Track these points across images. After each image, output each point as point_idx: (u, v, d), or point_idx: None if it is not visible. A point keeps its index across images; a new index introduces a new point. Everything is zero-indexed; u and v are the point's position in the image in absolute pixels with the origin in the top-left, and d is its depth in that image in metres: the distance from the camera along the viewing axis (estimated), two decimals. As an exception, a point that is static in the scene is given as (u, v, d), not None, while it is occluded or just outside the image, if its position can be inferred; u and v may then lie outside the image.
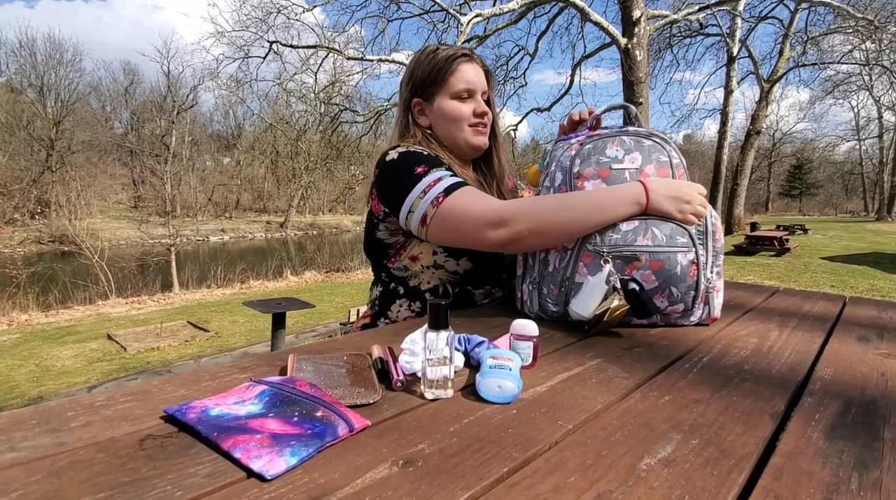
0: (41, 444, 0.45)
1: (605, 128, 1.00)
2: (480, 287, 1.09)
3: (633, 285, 0.84)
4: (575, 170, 0.93)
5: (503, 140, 1.21)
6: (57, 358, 4.80)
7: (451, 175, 0.96)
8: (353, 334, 0.91)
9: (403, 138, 1.12)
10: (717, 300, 0.93)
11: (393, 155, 1.00)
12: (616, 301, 0.82)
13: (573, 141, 0.97)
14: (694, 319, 0.93)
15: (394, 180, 0.98)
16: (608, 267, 0.85)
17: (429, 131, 1.12)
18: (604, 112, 1.06)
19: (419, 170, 0.96)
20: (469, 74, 1.09)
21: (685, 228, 0.87)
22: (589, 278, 0.86)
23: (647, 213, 0.87)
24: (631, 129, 0.97)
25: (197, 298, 8.36)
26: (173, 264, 11.60)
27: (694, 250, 0.87)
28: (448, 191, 0.93)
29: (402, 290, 1.07)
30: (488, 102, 1.14)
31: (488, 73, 1.14)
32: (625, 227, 0.87)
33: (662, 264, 0.86)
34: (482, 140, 1.12)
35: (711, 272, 0.90)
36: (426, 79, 1.09)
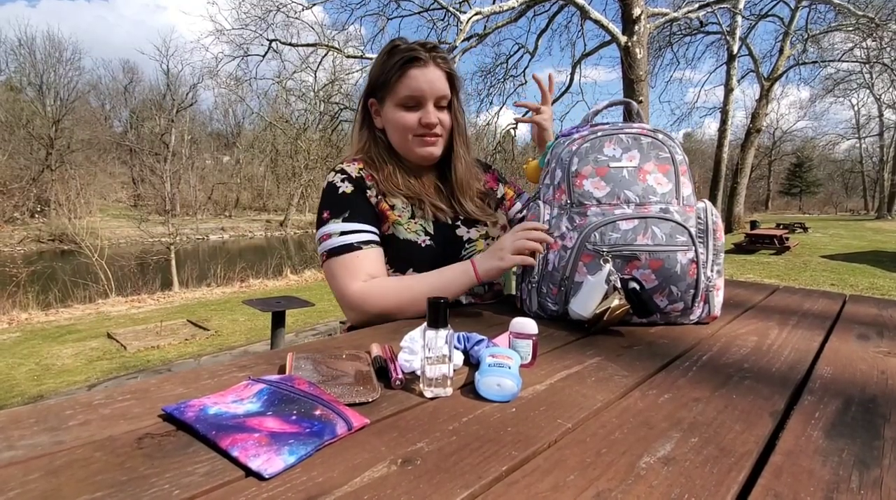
0: (39, 443, 0.45)
1: (607, 123, 0.99)
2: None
3: (633, 285, 0.84)
4: (573, 169, 0.93)
5: (464, 148, 1.13)
6: (57, 357, 4.80)
7: (342, 232, 0.99)
8: (351, 332, 0.91)
9: (359, 139, 1.12)
10: (717, 299, 0.93)
11: (325, 183, 1.05)
12: (616, 301, 0.82)
13: (575, 136, 0.97)
14: (694, 317, 0.93)
15: (317, 212, 1.04)
16: (608, 267, 0.85)
17: (381, 134, 1.11)
18: (605, 108, 1.05)
19: (325, 215, 1.01)
20: (417, 81, 1.01)
21: (685, 227, 0.87)
22: (588, 278, 0.86)
23: (482, 281, 0.98)
24: (634, 125, 0.96)
25: (197, 296, 8.36)
26: (173, 262, 11.59)
27: (694, 248, 0.87)
28: (330, 253, 0.98)
29: None
30: (450, 107, 1.07)
31: (452, 76, 1.06)
32: (624, 226, 0.87)
33: (662, 262, 0.86)
34: (429, 151, 1.07)
35: (712, 271, 0.90)
36: (377, 80, 1.06)
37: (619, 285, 0.84)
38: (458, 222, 1.11)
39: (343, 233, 0.99)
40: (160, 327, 5.73)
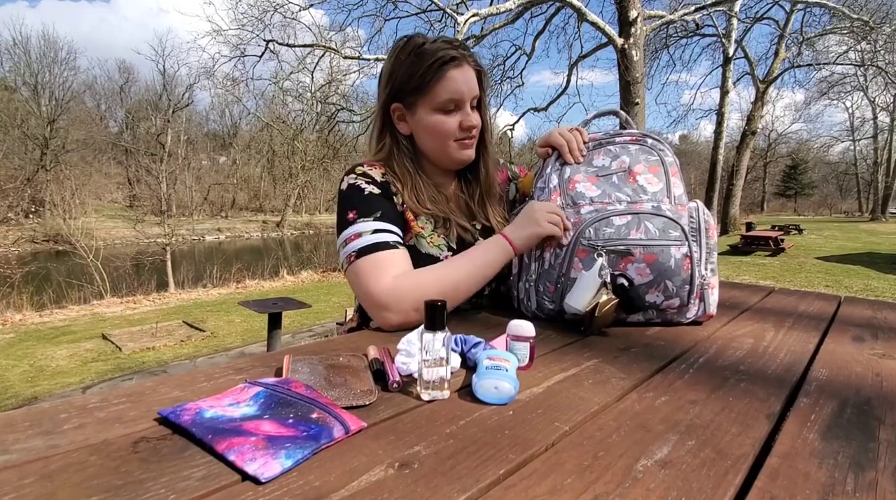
0: (34, 446, 0.44)
1: (599, 132, 1.01)
2: (466, 302, 1.02)
3: (621, 281, 0.85)
4: (566, 176, 0.97)
5: (492, 148, 1.11)
6: (51, 358, 4.77)
7: (374, 230, 0.91)
8: (348, 334, 0.91)
9: (378, 147, 1.05)
10: (713, 297, 0.93)
11: (344, 185, 0.98)
12: (605, 296, 0.83)
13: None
14: (690, 315, 0.93)
15: (337, 213, 0.97)
16: (601, 260, 0.85)
17: (405, 141, 1.03)
18: (593, 118, 1.07)
19: (350, 215, 0.94)
20: (457, 83, 0.95)
21: (677, 222, 0.88)
22: (583, 272, 0.87)
23: (519, 252, 0.94)
24: (624, 134, 0.98)
25: (193, 297, 8.33)
26: (169, 263, 11.55)
27: (687, 243, 0.88)
28: (360, 253, 0.90)
29: None
30: (479, 106, 1.04)
31: (480, 74, 1.01)
32: (618, 221, 0.88)
33: (656, 257, 0.87)
34: (468, 154, 1.03)
35: (706, 269, 0.91)
36: (406, 84, 0.97)
37: (608, 280, 0.84)
38: (478, 236, 1.06)
39: (376, 231, 0.91)
40: (156, 329, 5.70)
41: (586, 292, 0.84)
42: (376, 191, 0.96)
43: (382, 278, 0.87)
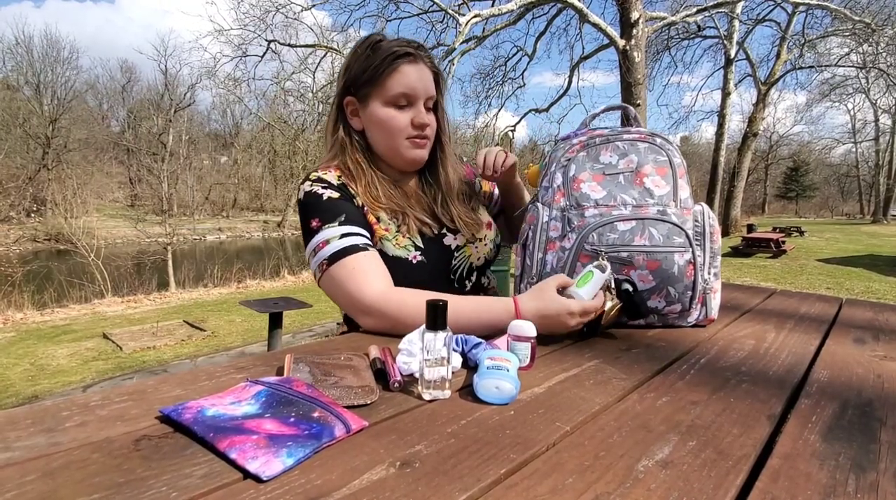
0: (36, 444, 0.45)
1: (606, 127, 0.99)
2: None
3: (626, 286, 0.85)
4: (571, 173, 0.95)
5: (451, 150, 1.09)
6: (52, 357, 4.78)
7: (342, 235, 0.90)
8: (349, 334, 0.90)
9: (333, 144, 1.03)
10: (715, 302, 0.93)
11: (301, 194, 0.95)
12: (609, 303, 0.82)
13: (574, 142, 0.97)
14: (691, 320, 0.93)
15: (301, 223, 0.96)
16: (608, 266, 0.84)
17: (357, 136, 1.02)
18: (602, 112, 1.06)
19: (314, 224, 0.92)
20: (410, 78, 0.95)
21: (682, 228, 0.88)
22: (597, 272, 0.85)
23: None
24: (632, 130, 0.97)
25: (193, 297, 8.33)
26: (170, 262, 11.56)
27: (691, 250, 0.87)
28: (332, 259, 0.88)
29: None
30: (436, 108, 1.02)
31: (438, 76, 1.01)
32: (622, 226, 0.87)
33: (659, 263, 0.86)
34: (419, 154, 1.00)
35: (709, 274, 0.91)
36: (360, 76, 0.96)
37: (612, 284, 0.84)
38: (444, 231, 1.05)
39: (343, 235, 0.90)
40: (156, 328, 5.70)
41: (595, 289, 0.83)
42: (335, 195, 0.94)
43: (371, 284, 0.86)
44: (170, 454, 0.44)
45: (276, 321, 4.11)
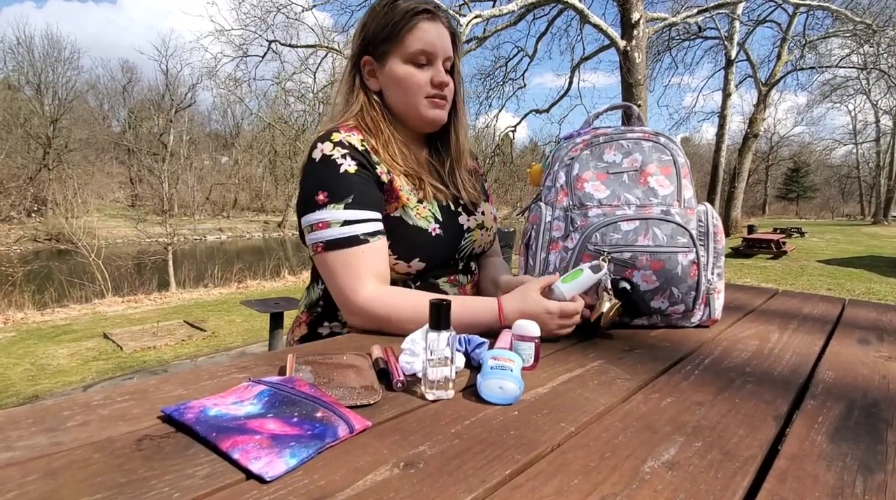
0: (37, 443, 0.44)
1: (609, 127, 0.99)
2: (443, 276, 1.01)
3: (623, 284, 0.84)
4: (574, 172, 0.94)
5: (465, 115, 1.08)
6: (52, 357, 4.77)
7: (343, 222, 0.86)
8: (351, 334, 0.90)
9: (348, 102, 1.00)
10: (718, 302, 0.93)
11: (317, 153, 0.90)
12: (608, 303, 0.82)
13: (578, 141, 0.97)
14: (695, 320, 0.93)
15: (303, 187, 0.91)
16: (605, 266, 0.84)
17: (376, 97, 0.99)
18: (606, 111, 1.06)
19: (320, 197, 0.87)
20: (430, 35, 0.93)
21: (685, 228, 0.87)
22: (588, 270, 0.85)
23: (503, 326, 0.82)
24: (636, 129, 0.96)
25: (194, 297, 8.33)
26: (170, 263, 11.55)
27: (694, 250, 0.87)
28: (329, 246, 0.86)
29: None
30: (452, 71, 1.00)
31: (455, 36, 0.99)
32: (625, 226, 0.87)
33: (663, 264, 0.86)
34: (439, 114, 0.98)
35: (712, 274, 0.90)
36: (378, 34, 0.94)
37: (608, 285, 0.83)
38: (460, 209, 1.04)
39: (346, 223, 0.86)
40: (157, 328, 5.70)
41: (581, 288, 0.83)
42: (352, 167, 0.89)
43: (359, 287, 0.85)
44: (172, 453, 0.43)
45: (276, 321, 4.10)
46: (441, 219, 0.97)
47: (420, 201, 0.96)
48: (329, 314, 0.99)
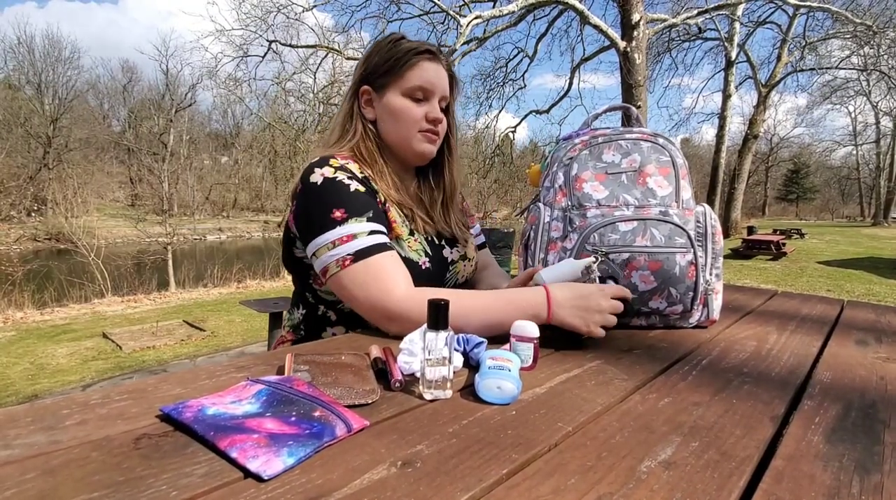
0: (35, 442, 0.44)
1: (608, 128, 0.99)
2: None
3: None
4: (573, 173, 0.95)
5: (458, 155, 1.10)
6: (52, 356, 4.77)
7: (370, 232, 0.85)
8: (349, 334, 0.90)
9: (344, 130, 1.01)
10: (716, 303, 0.93)
11: (317, 177, 0.88)
12: None
13: (576, 142, 0.97)
14: (693, 321, 0.93)
15: (309, 211, 0.88)
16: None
17: (371, 127, 1.01)
18: (605, 111, 1.06)
19: (337, 214, 0.85)
20: (429, 73, 0.97)
21: (683, 229, 0.87)
22: (570, 259, 0.86)
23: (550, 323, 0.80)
24: (634, 130, 0.97)
25: (193, 297, 8.33)
26: (170, 262, 11.55)
27: (692, 250, 0.87)
28: (359, 256, 0.83)
29: (334, 316, 0.96)
30: (447, 110, 1.03)
31: (453, 79, 1.03)
32: (623, 227, 0.87)
33: (661, 264, 0.86)
34: (429, 148, 1.00)
35: (710, 274, 0.91)
36: (380, 67, 0.98)
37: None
38: (444, 242, 1.04)
39: (373, 232, 0.86)
40: (156, 328, 5.70)
41: (561, 274, 0.84)
42: (361, 188, 0.90)
43: (395, 287, 0.82)
44: (170, 452, 0.43)
45: (276, 321, 4.10)
46: (430, 252, 0.99)
47: (411, 234, 0.98)
48: (311, 339, 0.97)
